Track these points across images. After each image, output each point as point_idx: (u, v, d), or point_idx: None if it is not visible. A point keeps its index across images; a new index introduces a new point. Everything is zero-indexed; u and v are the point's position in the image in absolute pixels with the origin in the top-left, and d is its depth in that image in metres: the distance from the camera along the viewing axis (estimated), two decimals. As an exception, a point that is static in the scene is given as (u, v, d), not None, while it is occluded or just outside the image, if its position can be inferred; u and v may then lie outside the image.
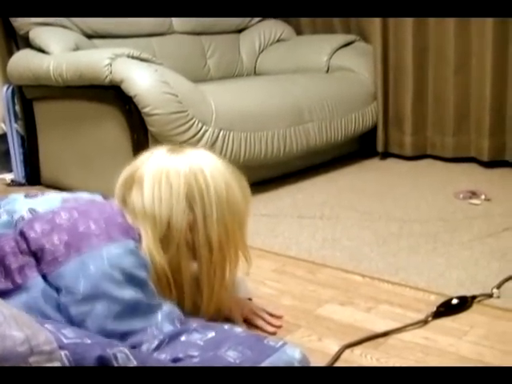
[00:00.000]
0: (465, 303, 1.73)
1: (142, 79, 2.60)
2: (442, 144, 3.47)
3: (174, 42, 3.65)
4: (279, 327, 1.65)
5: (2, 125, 3.37)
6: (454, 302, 1.73)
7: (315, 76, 3.51)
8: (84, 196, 1.49)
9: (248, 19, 4.02)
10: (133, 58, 2.72)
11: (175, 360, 1.19)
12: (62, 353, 1.00)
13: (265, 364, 1.20)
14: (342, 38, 3.83)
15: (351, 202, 2.77)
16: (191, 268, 1.50)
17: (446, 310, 1.70)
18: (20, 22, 3.11)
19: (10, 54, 3.23)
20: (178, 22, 3.69)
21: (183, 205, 1.43)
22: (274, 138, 2.95)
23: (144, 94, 2.58)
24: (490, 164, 3.27)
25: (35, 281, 1.28)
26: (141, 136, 2.65)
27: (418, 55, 3.44)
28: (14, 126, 3.29)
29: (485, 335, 1.59)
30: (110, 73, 2.62)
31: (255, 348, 1.24)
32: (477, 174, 3.21)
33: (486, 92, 3.20)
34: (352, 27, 3.93)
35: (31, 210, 1.38)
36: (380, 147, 3.60)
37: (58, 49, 2.99)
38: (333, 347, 1.54)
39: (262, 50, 4.03)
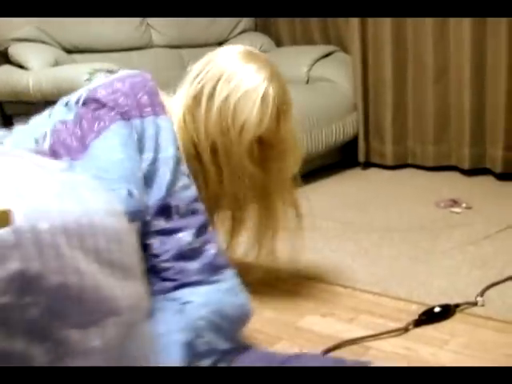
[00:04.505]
0: (447, 311, 1.74)
1: (121, 93, 2.59)
2: (422, 153, 3.49)
3: (153, 55, 3.65)
4: None
5: (-18, 141, 3.35)
6: (437, 310, 1.73)
7: (295, 87, 3.48)
8: None
9: (228, 32, 4.02)
10: (112, 72, 2.71)
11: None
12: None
13: None
14: (321, 49, 3.85)
15: (333, 212, 2.77)
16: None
17: (428, 318, 1.70)
18: (-1, 39, 3.10)
19: (-11, 70, 3.21)
20: (157, 36, 3.70)
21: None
22: (255, 149, 2.94)
23: (123, 108, 2.57)
24: (470, 172, 3.28)
25: None
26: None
27: (397, 65, 3.46)
28: (-6, 142, 3.27)
29: (466, 344, 1.59)
30: (89, 87, 2.61)
31: None
32: (458, 182, 3.22)
33: (466, 101, 3.22)
34: (331, 38, 3.94)
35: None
36: (361, 157, 3.61)
37: (37, 64, 2.97)
38: (314, 359, 1.53)
39: (243, 62, 4.01)
